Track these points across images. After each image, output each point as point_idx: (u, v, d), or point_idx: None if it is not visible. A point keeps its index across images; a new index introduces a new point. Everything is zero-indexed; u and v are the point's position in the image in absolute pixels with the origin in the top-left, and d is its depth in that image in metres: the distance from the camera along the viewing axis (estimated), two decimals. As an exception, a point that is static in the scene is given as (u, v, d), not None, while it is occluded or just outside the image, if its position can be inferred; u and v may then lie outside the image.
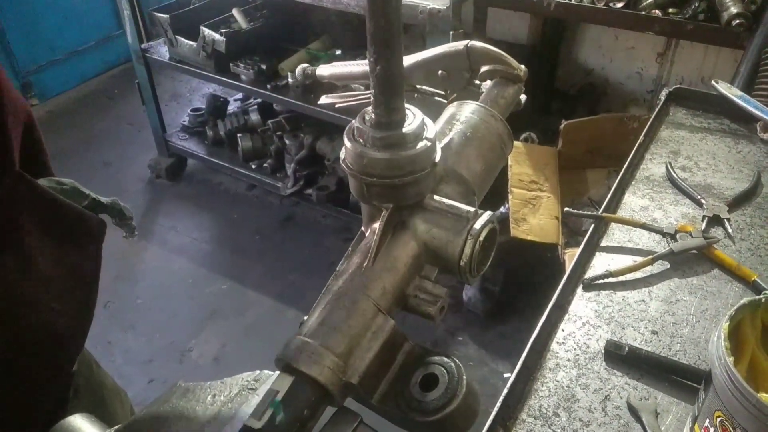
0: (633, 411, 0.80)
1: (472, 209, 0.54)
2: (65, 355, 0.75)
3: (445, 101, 0.77)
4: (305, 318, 0.54)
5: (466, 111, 0.64)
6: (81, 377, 0.83)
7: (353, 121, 0.54)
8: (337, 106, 0.89)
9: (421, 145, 0.53)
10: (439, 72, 0.76)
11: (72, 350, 0.77)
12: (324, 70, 0.89)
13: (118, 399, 1.01)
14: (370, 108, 0.53)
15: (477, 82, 0.76)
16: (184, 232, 3.01)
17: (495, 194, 2.21)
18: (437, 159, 0.55)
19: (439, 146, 0.57)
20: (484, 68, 0.74)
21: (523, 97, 0.76)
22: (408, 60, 0.77)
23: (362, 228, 0.60)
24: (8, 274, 0.64)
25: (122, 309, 2.57)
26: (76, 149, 3.59)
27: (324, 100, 0.91)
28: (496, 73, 0.74)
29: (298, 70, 0.92)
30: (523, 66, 0.74)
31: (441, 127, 0.63)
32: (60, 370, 0.76)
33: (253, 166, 3.14)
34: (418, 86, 0.79)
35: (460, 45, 0.74)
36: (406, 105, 0.54)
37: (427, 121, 0.55)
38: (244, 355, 2.37)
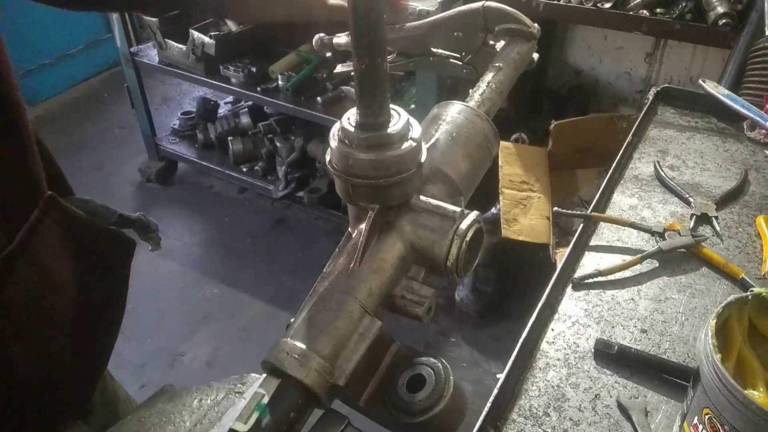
0: (623, 409, 0.80)
1: (458, 209, 0.54)
2: (87, 375, 0.74)
3: (460, 63, 0.80)
4: (292, 320, 0.54)
5: (452, 111, 0.64)
6: (97, 391, 0.82)
7: (338, 122, 0.54)
8: (352, 73, 0.91)
9: (406, 145, 0.53)
10: (455, 33, 0.79)
11: (97, 369, 0.76)
12: (341, 38, 0.90)
13: (131, 410, 1.00)
14: (354, 109, 0.53)
15: (491, 42, 0.78)
16: (175, 235, 2.99)
17: (486, 195, 2.22)
18: (423, 159, 0.55)
19: (424, 146, 0.57)
20: (499, 27, 0.76)
21: (535, 56, 0.79)
22: (425, 22, 0.80)
23: (349, 229, 0.60)
24: (37, 299, 0.62)
25: (113, 314, 2.55)
26: (66, 153, 3.57)
27: (340, 68, 0.93)
28: (510, 32, 0.76)
29: (315, 39, 0.94)
30: (536, 24, 0.77)
31: (426, 127, 0.63)
32: (83, 390, 0.74)
33: (244, 169, 3.14)
34: (434, 49, 0.82)
35: (476, 6, 0.76)
36: (391, 105, 0.54)
37: (413, 121, 0.55)
38: (237, 359, 2.37)
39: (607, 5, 2.05)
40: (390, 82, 0.52)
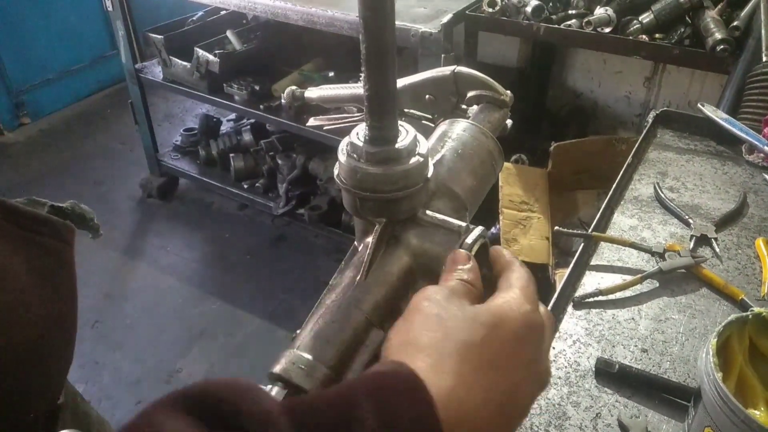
0: (624, 429, 0.80)
1: (463, 224, 0.55)
2: (53, 367, 0.73)
3: (432, 125, 0.78)
4: (297, 331, 0.54)
5: (458, 128, 0.66)
6: (67, 410, 0.81)
7: (347, 137, 0.55)
8: (325, 128, 0.90)
9: (413, 160, 0.54)
10: (427, 96, 0.77)
11: (60, 365, 0.74)
12: (312, 92, 0.90)
13: (103, 431, 0.99)
14: (363, 124, 0.54)
15: (464, 106, 0.77)
16: (174, 251, 2.99)
17: (486, 215, 2.23)
18: (430, 174, 0.56)
19: (431, 162, 0.58)
20: (470, 93, 0.75)
21: (509, 122, 0.77)
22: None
23: (355, 243, 0.61)
24: None
25: (110, 329, 2.54)
26: (67, 168, 3.59)
27: (312, 122, 0.92)
28: (482, 98, 0.75)
29: (287, 92, 0.92)
30: (509, 92, 0.75)
31: (433, 143, 0.64)
32: (47, 391, 0.72)
33: (245, 186, 3.15)
34: (405, 110, 0.80)
35: (446, 70, 0.75)
36: (399, 122, 0.55)
37: (420, 137, 0.56)
38: (234, 376, 2.34)
39: (607, 30, 2.08)
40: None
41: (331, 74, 2.80)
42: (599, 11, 2.08)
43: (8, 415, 0.65)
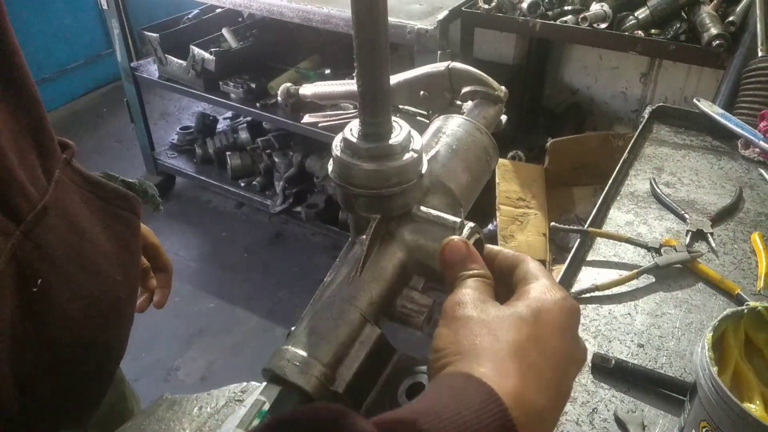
0: (620, 424, 0.80)
1: (458, 219, 0.54)
2: (125, 326, 0.79)
3: (427, 121, 0.78)
4: (293, 328, 0.54)
5: (452, 124, 0.65)
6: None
7: (341, 133, 0.55)
8: (320, 125, 0.90)
9: (407, 156, 0.54)
10: (421, 92, 0.77)
11: (128, 324, 0.80)
12: (307, 89, 0.90)
13: (134, 397, 1.05)
14: (357, 120, 0.54)
15: (458, 102, 0.77)
16: (171, 250, 2.99)
17: (483, 211, 2.23)
18: (424, 170, 0.56)
19: (425, 158, 0.57)
20: (465, 89, 0.75)
21: (503, 118, 0.77)
22: (391, 80, 0.78)
23: (350, 239, 0.61)
24: (72, 245, 0.68)
25: (108, 328, 2.54)
26: (63, 167, 3.57)
27: (307, 119, 0.92)
28: (477, 94, 0.74)
29: (281, 89, 0.92)
30: (503, 87, 0.75)
31: (427, 139, 0.64)
32: (120, 344, 0.79)
33: (242, 184, 3.14)
34: (400, 106, 0.80)
35: (441, 66, 0.75)
36: (393, 118, 0.55)
37: (414, 133, 0.56)
38: (232, 374, 2.35)
39: (603, 26, 2.08)
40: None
41: (328, 71, 2.80)
42: (595, 7, 2.08)
43: (97, 368, 0.73)
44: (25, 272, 0.62)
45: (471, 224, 0.54)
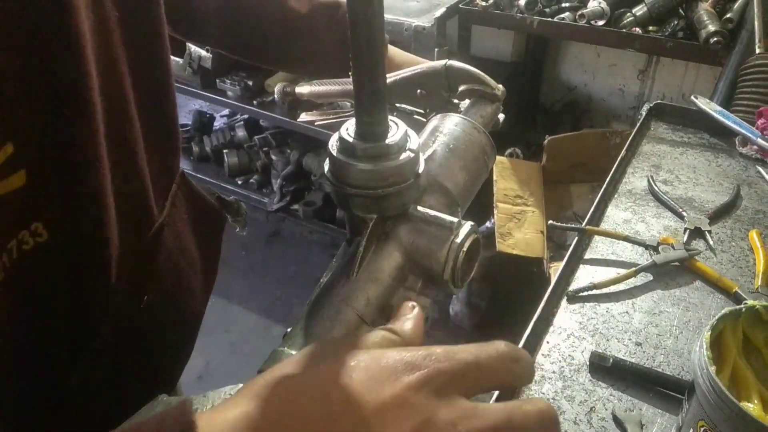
0: (618, 422, 0.80)
1: (455, 219, 0.54)
2: (196, 327, 0.82)
3: (424, 119, 0.78)
4: (289, 330, 0.54)
5: (449, 123, 0.65)
6: None
7: (337, 132, 0.55)
8: (316, 123, 0.90)
9: (404, 156, 0.53)
10: (418, 91, 0.77)
11: (199, 322, 0.83)
12: (303, 88, 0.89)
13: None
14: (353, 119, 0.53)
15: (455, 101, 0.76)
16: (168, 248, 2.98)
17: (481, 209, 2.23)
18: (421, 170, 0.55)
19: (422, 157, 0.57)
20: (462, 87, 0.74)
21: (501, 117, 0.77)
22: (387, 79, 0.78)
23: (346, 239, 0.60)
24: (175, 263, 0.69)
25: (105, 326, 2.53)
26: (59, 165, 3.56)
27: (304, 117, 0.91)
28: (474, 93, 0.74)
29: (278, 88, 0.92)
30: (501, 86, 0.75)
31: (424, 139, 0.64)
32: (186, 357, 0.83)
33: (239, 182, 3.14)
34: (397, 105, 0.80)
35: (438, 64, 0.75)
36: (390, 117, 0.54)
37: (411, 132, 0.55)
38: (229, 373, 2.35)
39: (600, 23, 2.08)
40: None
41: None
42: (592, 4, 2.08)
43: (175, 363, 0.78)
44: (136, 288, 0.62)
45: (469, 224, 0.53)
